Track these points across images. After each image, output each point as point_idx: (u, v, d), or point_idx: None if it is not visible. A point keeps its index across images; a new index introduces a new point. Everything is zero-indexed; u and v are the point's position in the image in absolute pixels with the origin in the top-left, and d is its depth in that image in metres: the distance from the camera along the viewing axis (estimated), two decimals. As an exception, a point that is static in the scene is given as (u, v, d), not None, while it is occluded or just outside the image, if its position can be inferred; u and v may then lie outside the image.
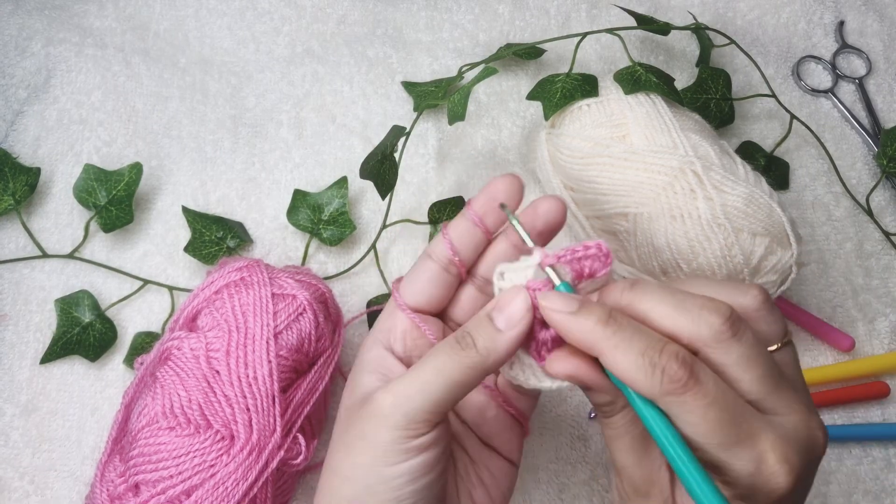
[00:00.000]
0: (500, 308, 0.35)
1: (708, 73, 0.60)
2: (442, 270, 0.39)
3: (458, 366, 0.34)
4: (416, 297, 0.39)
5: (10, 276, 0.55)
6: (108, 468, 0.45)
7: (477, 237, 0.39)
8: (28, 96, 0.60)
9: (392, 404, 0.34)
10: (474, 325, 0.35)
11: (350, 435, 0.35)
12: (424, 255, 0.40)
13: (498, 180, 0.38)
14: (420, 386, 0.34)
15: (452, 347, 0.34)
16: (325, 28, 0.65)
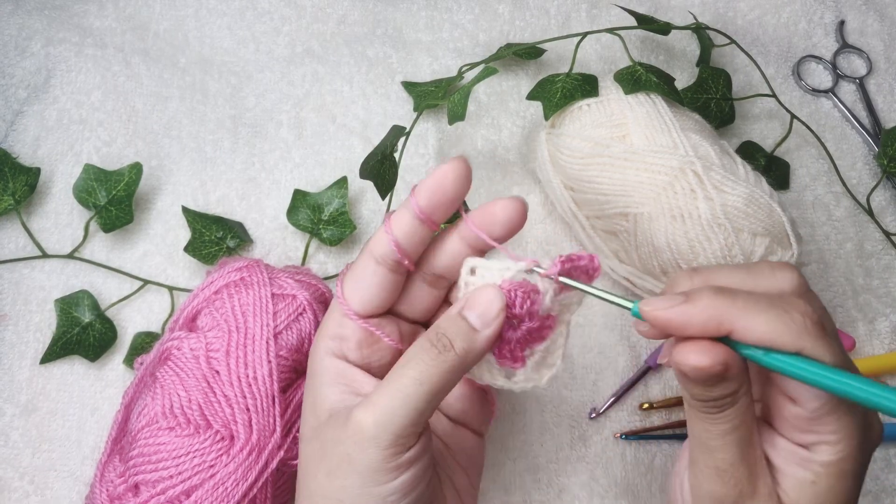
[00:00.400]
0: (471, 306, 0.34)
1: (708, 73, 0.60)
2: (389, 272, 0.37)
3: (438, 371, 0.33)
4: (366, 303, 0.37)
5: (10, 276, 0.54)
6: (107, 468, 0.45)
7: (423, 232, 0.36)
8: (28, 96, 0.60)
9: (376, 423, 0.32)
10: (448, 325, 0.33)
11: (332, 458, 0.33)
12: (367, 256, 0.37)
13: (445, 168, 0.35)
14: (403, 400, 0.32)
15: (429, 352, 0.33)
16: (325, 28, 0.65)
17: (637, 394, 0.53)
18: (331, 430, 0.34)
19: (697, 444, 0.33)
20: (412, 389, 0.32)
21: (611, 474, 0.51)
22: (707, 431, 0.32)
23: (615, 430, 0.52)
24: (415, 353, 0.33)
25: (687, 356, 0.30)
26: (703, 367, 0.30)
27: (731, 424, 0.32)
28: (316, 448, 0.35)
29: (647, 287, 0.51)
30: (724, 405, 0.32)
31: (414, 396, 0.32)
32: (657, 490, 0.51)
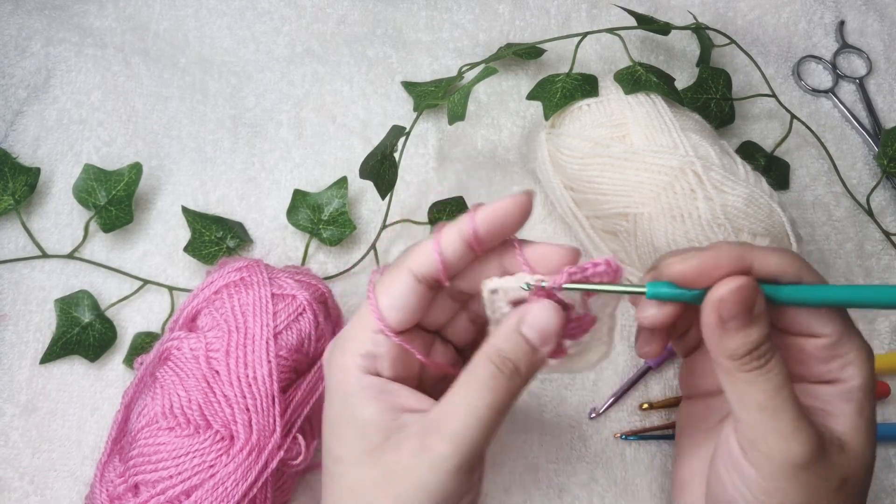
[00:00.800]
0: (530, 323, 0.34)
1: (708, 73, 0.60)
2: (427, 290, 0.36)
3: (507, 395, 0.33)
4: (402, 320, 0.36)
5: (10, 276, 0.54)
6: (107, 468, 0.45)
7: (469, 255, 0.36)
8: (28, 96, 0.60)
9: (456, 452, 0.32)
10: (511, 347, 0.33)
11: (403, 485, 0.33)
12: (406, 272, 0.35)
13: (510, 202, 0.35)
14: (478, 427, 0.32)
15: (497, 378, 0.33)
16: (325, 28, 0.65)
17: (637, 394, 0.53)
18: (396, 456, 0.33)
19: (759, 414, 0.33)
20: (485, 414, 0.32)
21: (610, 474, 0.51)
22: (764, 392, 0.33)
23: (615, 430, 0.52)
24: (483, 379, 0.33)
25: (723, 286, 0.33)
26: (741, 285, 0.33)
27: (782, 377, 0.33)
28: (377, 474, 0.34)
29: (647, 287, 0.51)
30: (766, 353, 0.33)
31: (487, 422, 0.32)
32: (657, 490, 0.51)
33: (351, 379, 0.35)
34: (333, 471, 0.35)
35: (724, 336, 0.33)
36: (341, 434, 0.35)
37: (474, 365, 0.34)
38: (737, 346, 0.33)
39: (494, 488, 0.50)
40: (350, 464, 0.34)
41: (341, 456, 0.35)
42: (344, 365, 0.36)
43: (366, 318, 0.36)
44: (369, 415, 0.34)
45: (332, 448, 0.35)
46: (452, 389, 0.34)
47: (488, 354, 0.34)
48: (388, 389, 0.35)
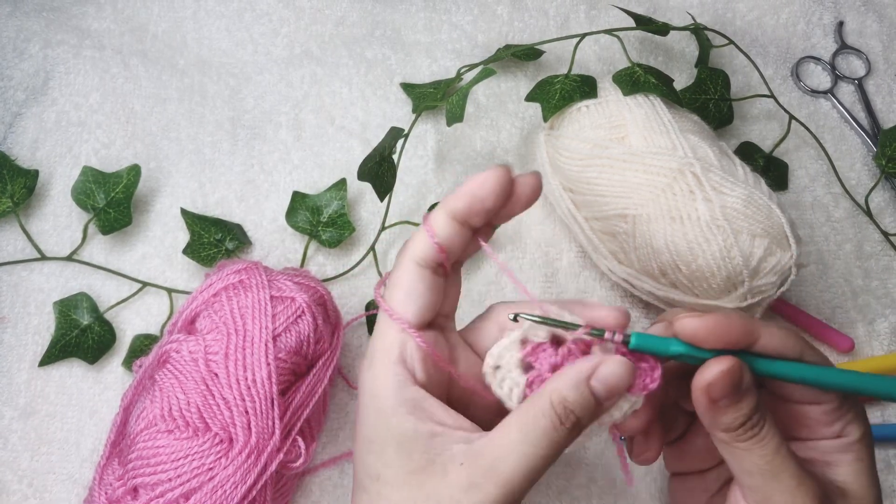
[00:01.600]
0: (602, 377, 0.33)
1: (707, 74, 0.60)
2: (433, 275, 0.36)
3: (562, 448, 0.33)
4: (420, 312, 0.35)
5: (9, 279, 0.54)
6: (106, 471, 0.45)
7: (463, 233, 0.36)
8: (26, 98, 0.60)
9: (505, 497, 0.32)
10: (576, 398, 0.33)
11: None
12: (409, 262, 0.35)
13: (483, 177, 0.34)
14: (530, 476, 0.32)
15: (558, 430, 0.32)
16: (324, 29, 0.65)
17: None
18: (443, 486, 0.33)
19: (761, 479, 0.34)
20: (539, 465, 0.32)
21: (610, 476, 0.51)
22: (763, 458, 0.34)
23: (614, 431, 0.52)
24: (544, 428, 0.32)
25: (711, 369, 0.33)
26: (729, 366, 0.33)
27: (776, 440, 0.34)
28: (419, 499, 0.33)
29: (646, 288, 0.51)
30: (759, 421, 0.34)
31: (539, 471, 0.32)
32: (656, 491, 0.51)
33: (387, 392, 0.34)
34: (371, 489, 0.34)
35: (717, 413, 0.34)
36: (381, 451, 0.34)
37: (535, 409, 0.33)
38: (730, 421, 0.34)
39: (494, 490, 0.50)
40: (392, 484, 0.34)
41: (381, 474, 0.34)
42: (377, 379, 0.35)
43: (386, 325, 0.35)
44: (409, 431, 0.34)
45: (369, 465, 0.35)
46: (509, 428, 0.33)
47: (553, 402, 0.33)
48: (423, 405, 0.34)
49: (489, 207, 0.35)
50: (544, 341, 0.35)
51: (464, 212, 0.35)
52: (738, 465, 0.35)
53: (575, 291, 0.56)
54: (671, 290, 0.50)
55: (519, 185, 0.35)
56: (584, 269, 0.57)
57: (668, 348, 0.34)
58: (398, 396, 0.34)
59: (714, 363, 0.33)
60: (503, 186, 0.35)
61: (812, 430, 0.36)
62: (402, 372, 0.35)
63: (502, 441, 0.33)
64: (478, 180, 0.35)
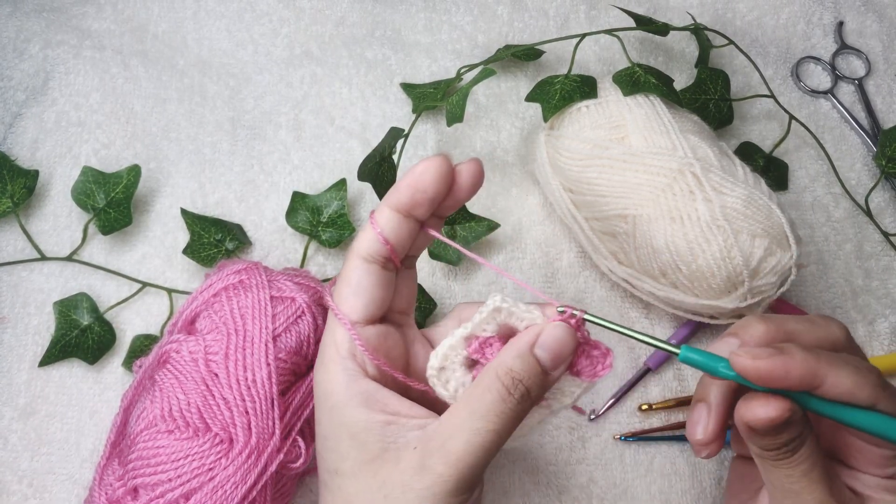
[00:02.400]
0: (545, 344, 0.33)
1: (707, 74, 0.60)
2: (381, 269, 0.36)
3: (513, 419, 0.32)
4: (367, 307, 0.35)
5: (9, 279, 0.54)
6: (106, 472, 0.45)
7: (409, 226, 0.36)
8: (26, 98, 0.60)
9: (457, 475, 0.32)
10: (522, 367, 0.33)
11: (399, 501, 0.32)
12: (355, 258, 0.36)
13: (423, 166, 0.34)
14: (481, 450, 0.32)
15: (507, 401, 0.32)
16: (324, 30, 0.65)
17: (636, 395, 0.53)
18: (395, 471, 0.33)
19: (782, 493, 0.34)
20: (489, 439, 0.32)
21: (610, 476, 0.51)
22: (788, 477, 0.33)
23: (614, 431, 0.52)
24: (492, 402, 0.32)
25: (756, 411, 0.32)
26: (774, 417, 0.31)
27: (808, 463, 0.33)
28: (373, 486, 0.33)
29: (646, 288, 0.51)
30: (795, 447, 0.33)
31: (491, 445, 0.32)
32: (656, 492, 0.51)
33: (337, 388, 0.35)
34: (331, 484, 0.35)
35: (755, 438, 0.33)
36: (336, 446, 0.34)
37: (482, 385, 0.33)
38: (764, 446, 0.33)
39: (494, 490, 0.50)
40: (348, 476, 0.34)
41: (338, 468, 0.34)
42: (327, 375, 0.35)
43: (334, 322, 0.36)
44: (362, 423, 0.34)
45: (327, 460, 0.35)
46: (458, 408, 0.33)
47: (498, 374, 0.33)
48: (376, 396, 0.34)
49: (431, 197, 0.35)
50: (492, 335, 0.35)
51: (407, 204, 0.35)
52: (766, 477, 0.34)
53: (575, 291, 0.56)
54: (671, 290, 0.50)
55: (459, 174, 0.35)
56: (584, 269, 0.57)
57: (717, 369, 0.33)
58: (349, 390, 0.34)
59: (759, 405, 0.32)
60: (443, 176, 0.34)
61: (862, 465, 0.36)
62: (351, 367, 0.35)
63: (452, 421, 0.33)
64: (417, 171, 0.34)
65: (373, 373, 0.36)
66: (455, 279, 0.56)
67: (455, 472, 0.32)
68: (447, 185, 0.35)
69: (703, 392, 0.36)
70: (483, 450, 0.32)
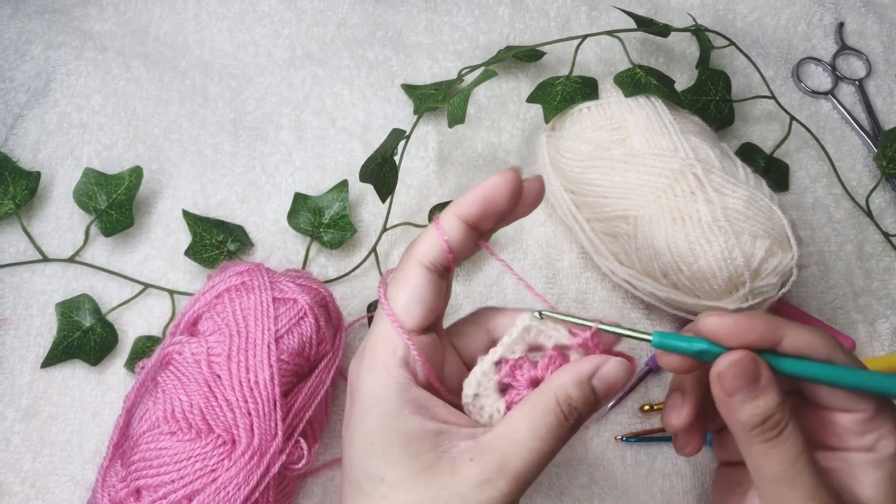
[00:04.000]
0: (603, 377, 0.34)
1: (708, 75, 0.60)
2: (439, 278, 0.35)
3: (564, 442, 0.34)
4: (424, 315, 0.35)
5: (11, 281, 0.55)
6: (109, 473, 0.45)
7: (470, 239, 0.36)
8: (28, 100, 0.60)
9: (515, 491, 0.33)
10: (580, 395, 0.34)
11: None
12: (416, 263, 0.35)
13: (496, 183, 0.35)
14: (537, 469, 0.33)
15: (563, 427, 0.33)
16: (325, 31, 0.65)
17: (637, 396, 0.53)
18: (453, 482, 0.33)
19: (775, 485, 0.34)
20: (546, 459, 0.33)
21: (611, 476, 0.51)
22: (780, 464, 0.34)
23: (615, 432, 0.52)
24: (550, 425, 0.33)
25: (723, 358, 0.34)
26: (739, 357, 0.33)
27: (797, 447, 0.34)
28: (426, 498, 0.33)
29: (648, 289, 0.51)
30: (780, 423, 0.34)
31: (545, 463, 0.34)
32: (657, 492, 0.51)
33: (391, 394, 0.34)
34: (374, 492, 0.33)
35: (733, 408, 0.34)
36: (385, 453, 0.33)
37: (541, 405, 0.34)
38: (747, 418, 0.34)
39: (496, 491, 0.50)
40: (396, 485, 0.33)
41: (384, 476, 0.33)
42: (379, 381, 0.34)
43: (388, 327, 0.35)
44: (416, 431, 0.33)
45: (370, 467, 0.34)
46: (517, 424, 0.34)
47: (558, 399, 0.33)
48: (427, 405, 0.34)
49: (502, 210, 0.35)
50: (521, 356, 0.36)
51: (476, 215, 0.35)
52: (755, 468, 0.34)
53: (576, 292, 0.57)
54: (672, 291, 0.50)
55: (524, 190, 0.36)
56: (586, 270, 0.57)
57: (691, 346, 0.35)
58: (403, 398, 0.34)
59: (726, 355, 0.34)
60: (516, 190, 0.35)
61: (842, 440, 0.36)
62: (405, 374, 0.34)
63: (512, 437, 0.33)
64: (491, 183, 0.35)
65: (422, 381, 0.35)
66: (456, 279, 0.57)
67: (514, 486, 0.33)
68: (517, 199, 0.35)
69: (677, 381, 0.38)
70: (539, 466, 0.33)
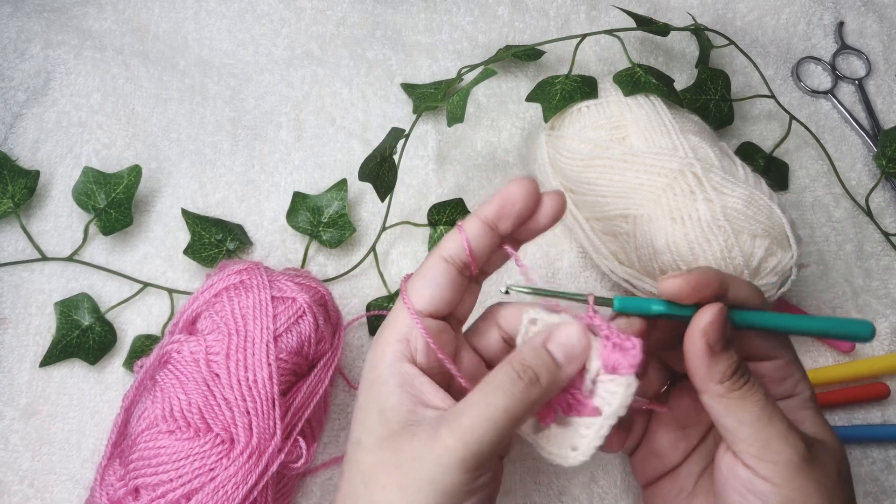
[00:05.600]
0: (556, 341, 0.36)
1: (707, 74, 0.60)
2: (456, 272, 0.38)
3: (523, 402, 0.34)
4: (434, 300, 0.38)
5: (10, 279, 0.54)
6: (107, 472, 0.45)
7: (491, 239, 0.39)
8: (27, 99, 0.60)
9: (465, 447, 0.33)
10: (534, 358, 0.35)
11: (410, 473, 0.34)
12: (437, 257, 0.38)
13: (513, 186, 0.38)
14: (490, 427, 0.33)
15: (516, 384, 0.34)
16: (325, 30, 0.65)
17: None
18: (409, 444, 0.34)
19: (757, 422, 0.35)
20: (499, 417, 0.33)
21: (611, 476, 0.51)
22: (757, 403, 0.35)
23: (615, 431, 0.52)
24: (502, 383, 0.34)
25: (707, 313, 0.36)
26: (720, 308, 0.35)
27: (763, 389, 0.36)
28: (388, 459, 0.35)
29: (647, 289, 0.51)
30: (746, 371, 0.36)
31: (500, 424, 0.33)
32: (657, 492, 0.51)
33: (382, 365, 0.37)
34: (351, 455, 0.37)
35: (713, 361, 0.36)
36: (364, 419, 0.36)
37: (495, 370, 0.35)
38: (725, 368, 0.36)
39: (495, 490, 0.50)
40: (367, 449, 0.36)
41: (360, 440, 0.36)
42: (378, 352, 0.38)
43: (400, 307, 0.38)
44: (392, 402, 0.36)
45: (354, 431, 0.37)
46: (472, 391, 0.35)
47: (510, 361, 0.35)
48: (414, 382, 0.36)
49: (518, 211, 0.38)
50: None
51: (494, 214, 0.38)
52: (736, 418, 0.36)
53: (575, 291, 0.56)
54: (672, 290, 0.50)
55: (544, 201, 0.38)
56: (585, 269, 0.57)
57: (650, 308, 0.37)
58: (391, 369, 0.37)
59: (707, 309, 0.36)
60: (531, 194, 0.38)
61: (769, 388, 0.38)
62: (401, 349, 0.37)
63: (465, 398, 0.35)
64: (508, 187, 0.38)
65: (421, 362, 0.37)
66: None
67: (462, 443, 0.33)
68: (533, 203, 0.38)
69: None
70: (490, 425, 0.33)
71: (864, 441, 0.53)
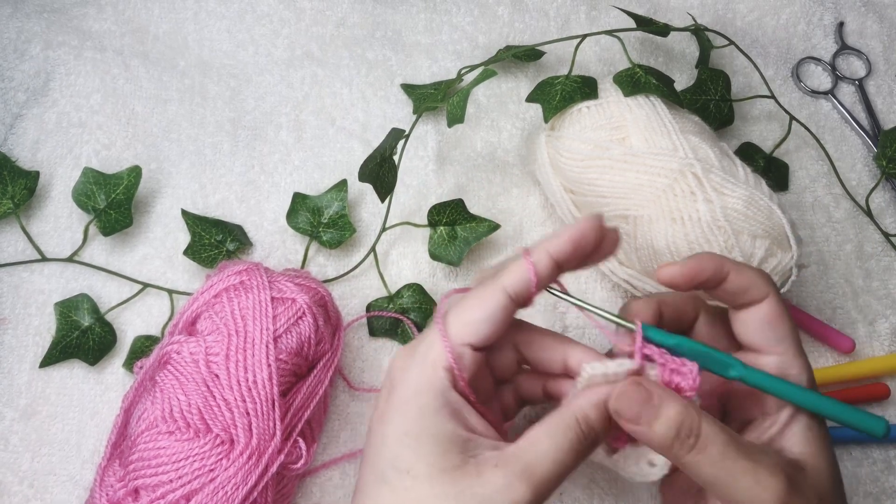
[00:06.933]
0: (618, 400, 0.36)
1: (707, 75, 0.60)
2: (514, 307, 0.37)
3: (582, 458, 0.36)
4: (487, 336, 0.37)
5: (10, 280, 0.54)
6: (107, 472, 0.45)
7: (554, 275, 0.38)
8: (27, 99, 0.60)
9: (535, 498, 0.34)
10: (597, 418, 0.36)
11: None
12: (500, 291, 0.37)
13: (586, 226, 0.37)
14: (557, 480, 0.35)
15: (582, 443, 0.35)
16: (325, 31, 0.65)
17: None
18: (477, 484, 0.34)
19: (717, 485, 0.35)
20: (564, 471, 0.35)
21: (611, 476, 0.51)
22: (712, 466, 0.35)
23: (615, 432, 0.52)
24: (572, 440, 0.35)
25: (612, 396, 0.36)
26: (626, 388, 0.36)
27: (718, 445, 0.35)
28: (449, 495, 0.34)
29: (647, 289, 0.51)
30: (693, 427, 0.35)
31: (563, 476, 0.35)
32: (657, 492, 0.51)
33: (434, 393, 0.36)
34: (398, 483, 0.35)
35: (647, 433, 0.35)
36: (417, 446, 0.35)
37: (563, 422, 0.36)
38: (662, 435, 0.35)
39: (495, 491, 0.50)
40: (421, 479, 0.35)
41: (411, 469, 0.35)
42: (425, 375, 0.37)
43: (448, 332, 0.37)
44: (449, 433, 0.35)
45: (400, 457, 0.35)
46: (539, 436, 0.35)
47: (577, 418, 0.36)
48: (462, 412, 0.37)
49: (588, 254, 0.38)
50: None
51: (566, 254, 0.37)
52: (699, 480, 0.36)
53: (576, 292, 0.56)
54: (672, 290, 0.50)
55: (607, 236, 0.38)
56: (586, 270, 0.57)
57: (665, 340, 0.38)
58: (443, 398, 0.36)
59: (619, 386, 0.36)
60: (601, 236, 0.38)
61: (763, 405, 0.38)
62: (448, 377, 0.37)
63: (535, 448, 0.35)
64: (582, 228, 0.37)
65: (459, 390, 0.37)
66: (455, 279, 0.56)
67: (534, 492, 0.34)
68: (600, 245, 0.38)
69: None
70: (559, 479, 0.35)
71: (865, 441, 0.53)
